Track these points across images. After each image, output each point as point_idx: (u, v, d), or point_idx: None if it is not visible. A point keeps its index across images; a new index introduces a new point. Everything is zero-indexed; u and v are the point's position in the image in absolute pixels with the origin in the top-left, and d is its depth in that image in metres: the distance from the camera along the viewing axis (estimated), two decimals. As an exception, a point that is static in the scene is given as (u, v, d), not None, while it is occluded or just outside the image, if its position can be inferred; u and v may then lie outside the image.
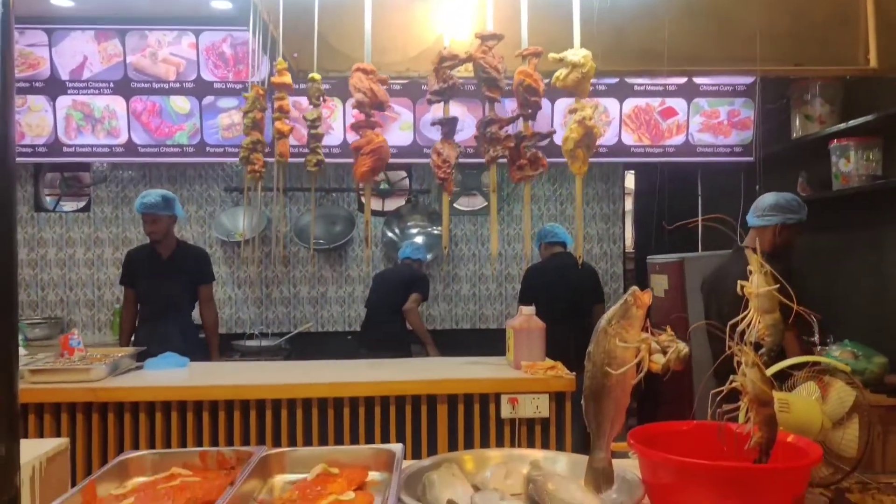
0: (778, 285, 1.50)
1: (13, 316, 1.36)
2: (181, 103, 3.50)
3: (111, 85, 3.54)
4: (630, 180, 6.41)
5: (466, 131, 3.81)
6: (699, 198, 5.70)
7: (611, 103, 4.65)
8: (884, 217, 3.68)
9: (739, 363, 1.47)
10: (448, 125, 1.93)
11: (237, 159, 3.54)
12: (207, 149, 3.53)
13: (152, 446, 2.56)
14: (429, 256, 5.54)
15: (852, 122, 3.68)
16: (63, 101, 4.25)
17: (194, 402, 2.62)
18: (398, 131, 4.38)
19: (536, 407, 2.68)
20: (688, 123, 4.70)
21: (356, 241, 5.63)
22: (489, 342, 3.73)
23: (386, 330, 4.63)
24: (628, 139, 4.72)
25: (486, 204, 5.68)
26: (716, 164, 4.88)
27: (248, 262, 4.21)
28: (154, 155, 3.56)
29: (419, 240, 5.54)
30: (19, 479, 1.37)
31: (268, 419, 2.64)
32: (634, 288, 1.47)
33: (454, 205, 5.68)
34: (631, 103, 4.77)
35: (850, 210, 3.92)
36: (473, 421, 2.73)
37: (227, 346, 4.90)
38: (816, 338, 2.83)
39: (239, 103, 3.52)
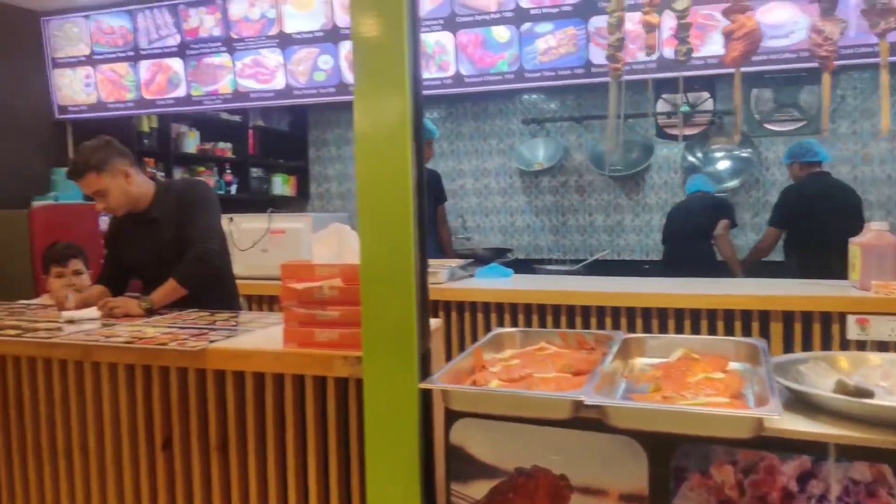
0: None
1: (423, 234, 1.57)
2: (502, 32, 3.68)
3: (441, 21, 3.84)
4: None
5: (796, 34, 3.42)
6: None
7: None
8: None
9: None
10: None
11: (554, 83, 3.69)
12: (526, 74, 3.67)
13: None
14: (735, 182, 5.19)
15: None
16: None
17: (524, 304, 2.83)
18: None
19: (892, 329, 2.40)
20: None
21: (654, 169, 5.48)
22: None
23: (693, 255, 4.45)
24: None
25: (802, 123, 5.10)
26: None
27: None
28: (478, 84, 3.82)
29: (724, 164, 5.23)
30: (429, 340, 1.66)
31: (592, 326, 2.76)
32: None
33: (765, 125, 5.20)
34: None
35: None
36: (812, 343, 2.54)
37: (528, 271, 5.18)
38: None
39: (554, 27, 3.59)
